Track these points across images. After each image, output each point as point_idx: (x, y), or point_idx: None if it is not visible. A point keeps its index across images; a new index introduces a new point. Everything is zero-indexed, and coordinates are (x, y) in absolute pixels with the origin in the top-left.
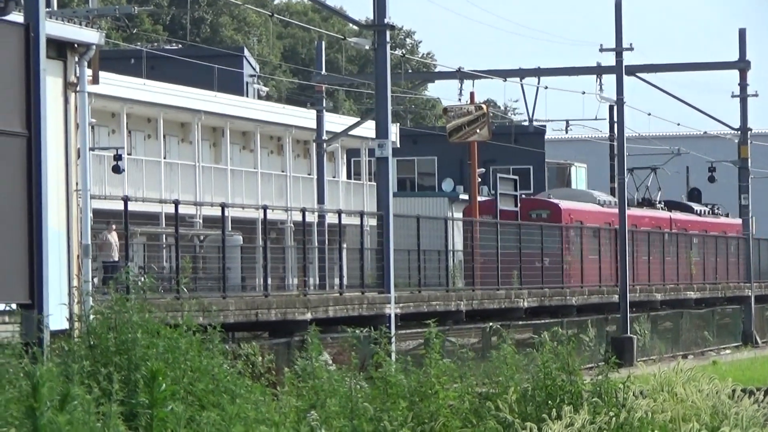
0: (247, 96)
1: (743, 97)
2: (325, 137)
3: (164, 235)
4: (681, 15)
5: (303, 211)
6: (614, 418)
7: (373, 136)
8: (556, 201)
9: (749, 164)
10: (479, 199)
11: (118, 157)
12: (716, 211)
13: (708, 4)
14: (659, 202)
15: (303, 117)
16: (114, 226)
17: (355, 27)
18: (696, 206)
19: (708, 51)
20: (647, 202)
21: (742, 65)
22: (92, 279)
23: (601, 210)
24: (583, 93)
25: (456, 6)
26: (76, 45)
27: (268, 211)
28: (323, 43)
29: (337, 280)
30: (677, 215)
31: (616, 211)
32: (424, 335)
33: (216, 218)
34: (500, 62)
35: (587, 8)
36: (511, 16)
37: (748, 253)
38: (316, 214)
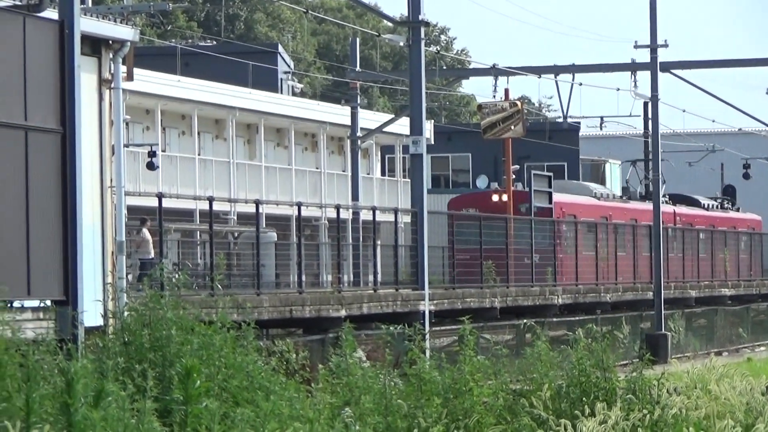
0: (282, 93)
1: None
2: (359, 134)
3: (198, 232)
4: (717, 10)
5: (337, 207)
6: (648, 416)
7: (408, 132)
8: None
9: None
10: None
11: (152, 154)
12: (726, 205)
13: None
14: (663, 196)
15: (337, 114)
16: (149, 223)
17: (390, 24)
18: (703, 200)
19: (744, 47)
20: (650, 196)
21: None
22: (127, 276)
23: (598, 203)
24: (618, 90)
25: (491, 3)
26: (110, 42)
27: (302, 207)
28: (358, 39)
29: (371, 277)
30: (682, 209)
31: (614, 204)
32: (458, 332)
33: (250, 215)
34: (535, 59)
35: (622, 5)
36: (545, 12)
37: None
38: (351, 210)
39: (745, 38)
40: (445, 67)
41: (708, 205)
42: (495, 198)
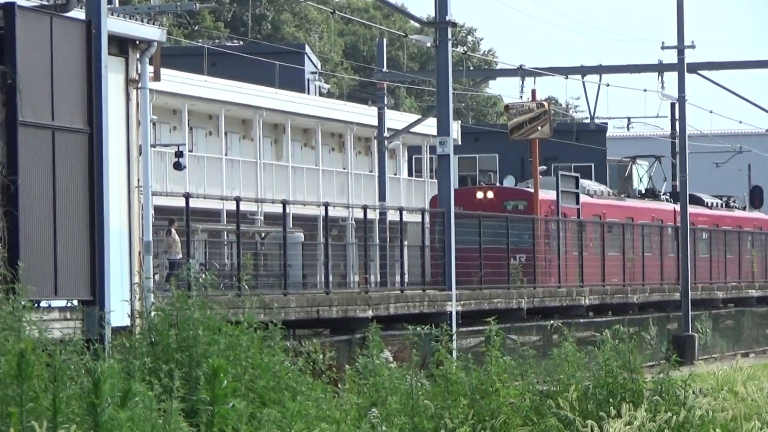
0: (309, 93)
1: None
2: (386, 134)
3: (225, 232)
4: (744, 11)
5: (364, 208)
6: (674, 417)
7: (435, 133)
8: (533, 190)
9: None
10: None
11: (179, 154)
12: (732, 203)
13: None
14: (664, 194)
15: (364, 114)
16: (176, 224)
17: (417, 24)
18: (707, 199)
19: None
20: (650, 194)
21: None
22: (154, 276)
23: (590, 201)
24: (645, 90)
25: (518, 3)
26: (137, 42)
27: (329, 208)
28: (384, 40)
29: (398, 278)
30: (696, 209)
31: (608, 201)
32: (485, 333)
33: (277, 215)
34: (562, 60)
35: (649, 5)
36: (572, 13)
37: None
38: (378, 211)
39: None
40: (472, 68)
41: (712, 203)
42: (479, 195)
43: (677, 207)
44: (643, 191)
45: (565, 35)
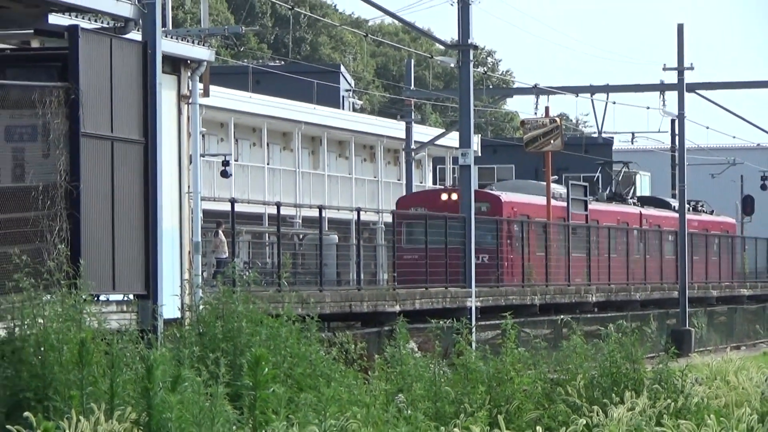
0: (343, 108)
1: None
2: (413, 146)
3: (267, 234)
4: (741, 34)
5: (393, 213)
6: (673, 404)
7: (457, 145)
8: (497, 193)
9: None
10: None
11: (225, 163)
12: (700, 208)
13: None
14: (631, 198)
15: (393, 128)
16: (223, 226)
17: (442, 47)
18: (674, 203)
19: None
20: (618, 197)
21: None
22: (202, 273)
23: (555, 203)
24: (648, 108)
25: (533, 28)
26: (188, 61)
27: (361, 213)
28: (412, 61)
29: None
30: (649, 211)
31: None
32: (501, 326)
33: (314, 219)
34: (572, 79)
35: (652, 29)
36: (582, 37)
37: None
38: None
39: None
40: (491, 86)
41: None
42: (444, 197)
43: (643, 210)
44: (611, 195)
45: (576, 57)
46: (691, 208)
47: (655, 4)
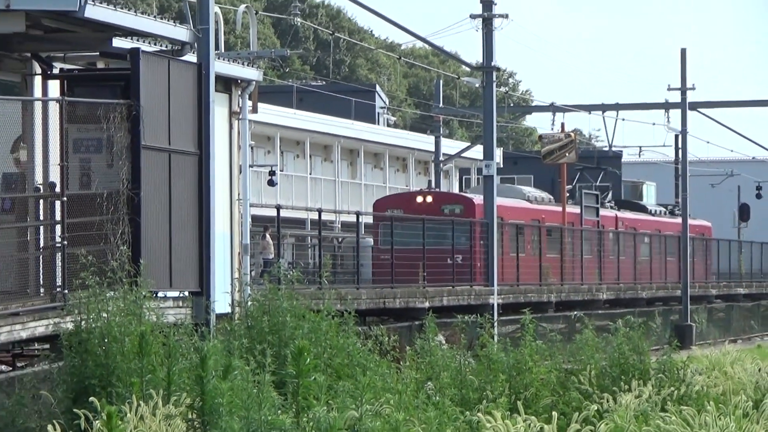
0: (378, 124)
1: None
2: (441, 158)
3: (309, 237)
4: (740, 55)
5: (423, 219)
6: (675, 392)
7: (481, 157)
8: (470, 196)
9: None
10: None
11: (272, 173)
12: (675, 211)
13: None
14: (609, 201)
15: (424, 141)
16: (270, 230)
17: (468, 69)
18: (651, 207)
19: (764, 84)
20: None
21: None
22: (250, 272)
23: (529, 207)
24: (653, 124)
25: (550, 51)
26: (239, 81)
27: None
28: (441, 81)
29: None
30: (625, 214)
31: (547, 207)
32: (520, 321)
33: (351, 224)
34: (585, 97)
35: (658, 51)
36: (595, 58)
37: None
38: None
39: (763, 78)
40: (512, 105)
41: (654, 211)
42: (419, 199)
43: (619, 213)
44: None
45: (589, 78)
46: (667, 212)
47: (662, 26)
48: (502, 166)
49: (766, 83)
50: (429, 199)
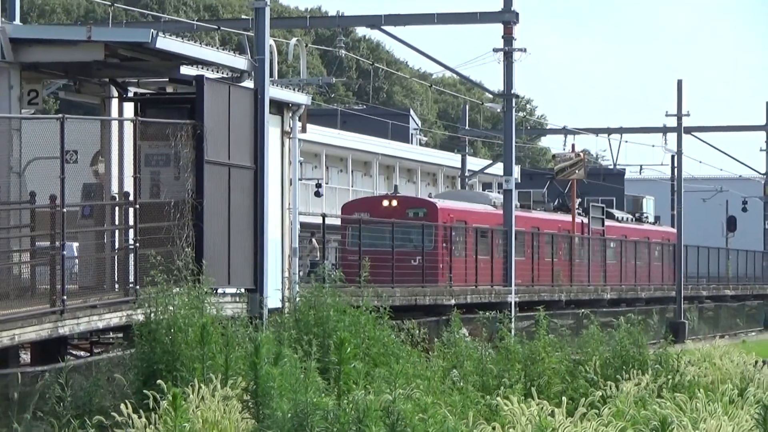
0: (412, 143)
1: None
2: (467, 174)
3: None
4: (735, 83)
5: (449, 228)
6: (670, 380)
7: (501, 173)
8: (433, 200)
9: None
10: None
11: (318, 185)
12: (644, 218)
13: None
14: (577, 208)
15: (451, 159)
16: (316, 235)
17: (490, 95)
18: (619, 214)
19: (751, 113)
20: (564, 207)
21: (767, 128)
22: (298, 272)
23: (494, 211)
24: (653, 146)
25: (563, 81)
26: (290, 104)
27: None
28: (467, 106)
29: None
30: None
31: (515, 213)
32: (535, 317)
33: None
34: (593, 122)
35: (657, 80)
36: (602, 88)
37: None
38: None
39: (752, 103)
40: (528, 127)
41: (622, 218)
42: (385, 203)
43: (584, 219)
44: (558, 205)
45: (597, 104)
46: (634, 219)
47: (662, 57)
48: (519, 181)
49: (755, 108)
50: (394, 202)
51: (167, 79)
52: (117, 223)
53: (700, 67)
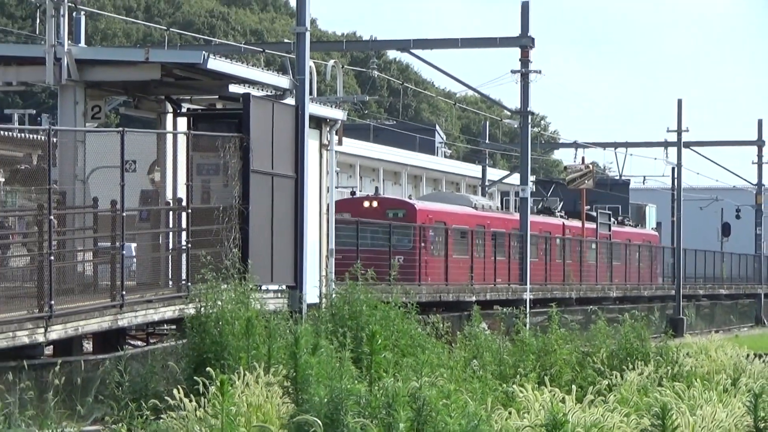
0: (437, 155)
1: (759, 164)
2: (487, 183)
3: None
4: (731, 99)
5: (471, 232)
6: (670, 371)
7: (518, 182)
8: (412, 201)
9: (763, 207)
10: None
11: (353, 193)
12: (626, 222)
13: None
14: (559, 211)
15: (473, 170)
16: None
17: (508, 113)
18: (602, 216)
19: (745, 129)
20: (547, 210)
21: (759, 143)
22: (335, 271)
23: (474, 213)
24: (655, 158)
25: (574, 99)
26: (327, 119)
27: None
28: (487, 122)
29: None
30: (572, 222)
31: (492, 214)
32: (548, 313)
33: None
34: (601, 136)
35: (660, 97)
36: (609, 105)
37: (759, 266)
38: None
39: (747, 119)
40: (542, 142)
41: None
42: (366, 204)
43: (566, 221)
44: (542, 208)
45: (605, 120)
46: (617, 222)
47: (664, 76)
48: (534, 190)
49: (748, 125)
50: (375, 203)
51: (217, 97)
52: (171, 226)
53: (699, 87)
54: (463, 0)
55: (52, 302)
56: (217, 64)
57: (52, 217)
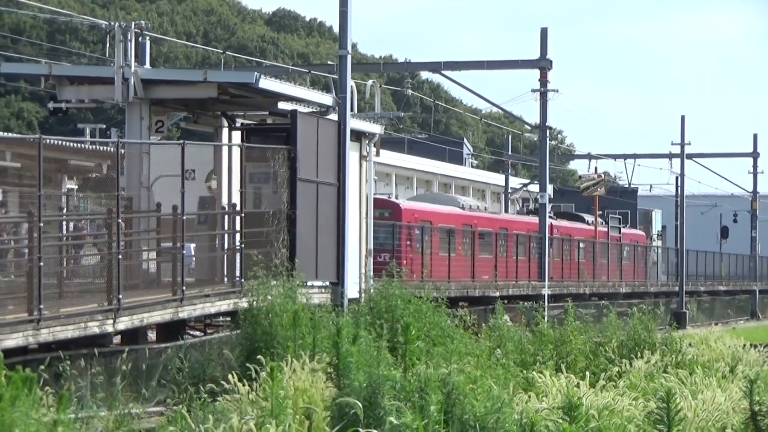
0: (465, 166)
1: (755, 174)
2: (509, 191)
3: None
4: (732, 113)
5: (495, 235)
6: (674, 359)
7: (538, 190)
8: (397, 201)
9: (758, 213)
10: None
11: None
12: (615, 224)
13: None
14: (549, 212)
15: (497, 179)
16: None
17: (529, 127)
18: (588, 217)
19: (742, 142)
20: (534, 211)
21: (754, 155)
22: (373, 269)
23: (462, 213)
24: (660, 169)
25: (588, 115)
26: (366, 133)
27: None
28: (510, 136)
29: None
30: (561, 223)
31: (479, 214)
32: (564, 307)
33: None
34: (612, 148)
35: (664, 115)
36: (620, 121)
37: (754, 265)
38: None
39: (744, 133)
40: (559, 153)
41: (592, 221)
42: None
43: (554, 222)
44: (532, 209)
45: (616, 133)
46: (603, 223)
47: (669, 91)
48: (552, 196)
49: (745, 138)
50: None
51: (267, 113)
52: (226, 228)
53: (700, 104)
54: (489, 26)
55: (120, 296)
56: (267, 83)
57: (120, 221)
